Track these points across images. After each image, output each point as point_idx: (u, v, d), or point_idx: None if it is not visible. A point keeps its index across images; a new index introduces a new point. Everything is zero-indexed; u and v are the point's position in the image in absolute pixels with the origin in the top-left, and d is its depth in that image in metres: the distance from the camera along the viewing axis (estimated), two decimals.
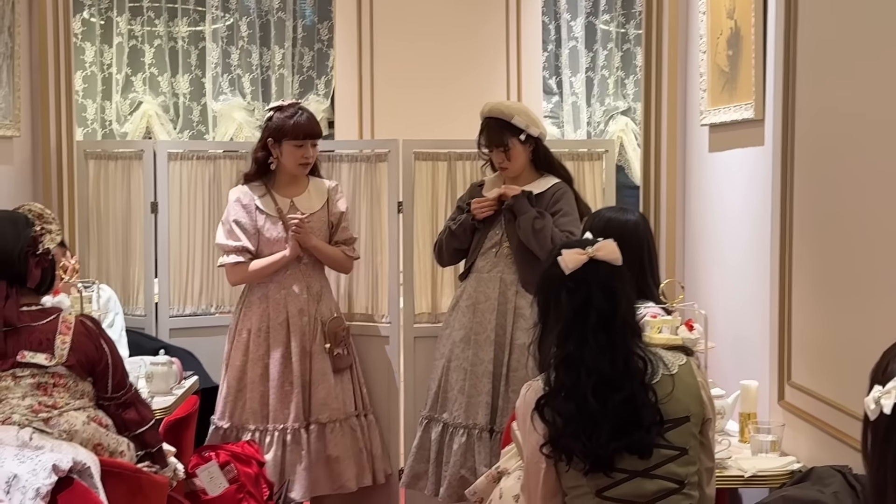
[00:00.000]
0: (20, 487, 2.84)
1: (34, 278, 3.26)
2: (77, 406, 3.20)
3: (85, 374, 3.24)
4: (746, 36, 3.70)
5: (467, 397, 4.40)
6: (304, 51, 6.78)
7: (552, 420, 2.63)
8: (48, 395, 3.17)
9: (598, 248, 2.69)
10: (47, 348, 3.18)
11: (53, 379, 3.18)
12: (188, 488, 4.02)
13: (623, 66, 6.95)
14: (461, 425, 4.41)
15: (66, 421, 3.15)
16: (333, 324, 4.63)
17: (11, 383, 3.15)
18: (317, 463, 4.58)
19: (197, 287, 5.12)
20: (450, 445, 4.44)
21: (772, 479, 3.11)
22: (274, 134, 4.56)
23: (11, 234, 3.24)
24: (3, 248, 3.22)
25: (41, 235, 3.28)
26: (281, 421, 4.54)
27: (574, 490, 2.66)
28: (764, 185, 3.57)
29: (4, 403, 3.13)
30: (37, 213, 3.32)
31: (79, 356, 3.21)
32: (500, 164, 4.41)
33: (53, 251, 3.33)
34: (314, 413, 4.59)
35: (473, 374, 4.40)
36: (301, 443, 4.56)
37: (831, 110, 3.01)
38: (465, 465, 4.40)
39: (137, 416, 3.34)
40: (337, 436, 4.62)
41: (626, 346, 2.65)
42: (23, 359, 3.15)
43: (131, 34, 6.62)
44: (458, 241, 4.49)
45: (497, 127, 4.35)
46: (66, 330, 3.22)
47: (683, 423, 2.65)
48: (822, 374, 3.06)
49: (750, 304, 3.73)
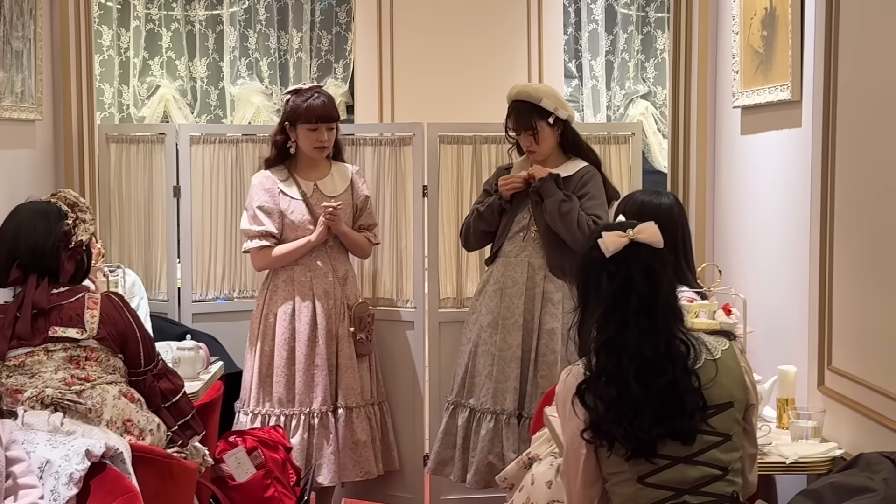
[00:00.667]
0: (53, 473, 2.83)
1: (66, 272, 3.28)
2: (109, 380, 3.25)
3: (116, 348, 3.28)
4: (783, 16, 3.65)
5: (495, 382, 4.37)
6: (323, 34, 6.74)
7: (593, 405, 2.60)
8: (80, 369, 3.22)
9: (639, 231, 2.65)
10: (78, 323, 3.22)
11: (85, 353, 3.23)
12: (215, 474, 4.00)
13: (643, 50, 6.90)
14: (489, 411, 4.38)
15: (99, 394, 3.19)
16: (359, 308, 4.60)
17: (44, 357, 3.20)
18: (343, 448, 4.56)
19: (219, 272, 5.08)
20: (477, 431, 4.41)
21: (813, 465, 3.07)
22: (290, 117, 4.53)
23: (44, 230, 3.26)
24: (36, 244, 3.24)
25: (74, 227, 3.29)
26: (307, 404, 4.51)
27: (615, 476, 2.63)
28: (801, 166, 3.53)
29: (37, 378, 3.17)
30: (71, 201, 3.33)
31: (109, 328, 3.25)
32: (528, 147, 4.37)
33: (86, 241, 3.33)
34: (342, 397, 4.57)
35: (501, 360, 4.36)
36: (328, 426, 4.54)
37: (875, 90, 2.96)
38: (493, 450, 4.37)
39: (172, 385, 3.41)
40: (363, 421, 4.59)
41: (667, 330, 2.61)
42: (54, 333, 3.19)
43: (148, 18, 6.59)
44: (486, 223, 4.45)
45: (525, 110, 4.31)
46: (94, 305, 3.26)
47: (727, 409, 2.62)
48: (865, 358, 3.01)
49: (786, 288, 3.69)
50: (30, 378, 3.17)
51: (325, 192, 4.59)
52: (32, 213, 3.29)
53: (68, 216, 3.29)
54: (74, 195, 3.37)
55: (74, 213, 3.31)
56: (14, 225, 3.28)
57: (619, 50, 6.85)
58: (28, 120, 4.40)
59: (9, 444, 2.75)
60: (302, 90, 4.55)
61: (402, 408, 4.90)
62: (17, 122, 4.29)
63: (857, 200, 3.08)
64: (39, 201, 3.36)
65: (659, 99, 6.86)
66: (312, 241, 4.51)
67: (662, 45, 6.83)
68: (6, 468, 2.71)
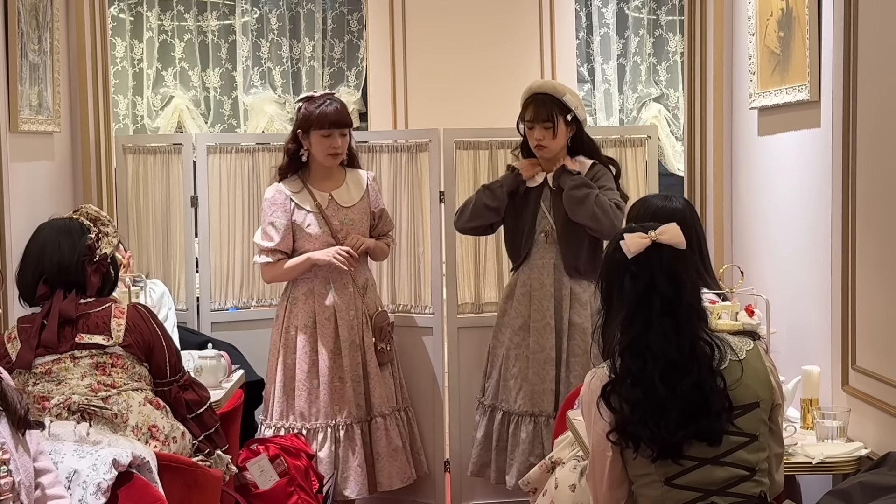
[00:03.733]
0: (81, 482, 2.84)
1: (93, 286, 3.34)
2: (135, 387, 3.28)
3: (142, 356, 3.32)
4: (800, 16, 3.64)
5: (531, 385, 4.38)
6: (335, 42, 6.76)
7: (619, 407, 2.61)
8: (107, 375, 3.26)
9: (661, 232, 2.66)
10: (104, 330, 3.27)
11: (111, 359, 3.27)
12: (238, 482, 4.00)
13: (655, 53, 6.90)
14: (527, 413, 4.39)
15: (125, 400, 3.23)
16: (379, 318, 4.59)
17: (71, 364, 3.24)
18: (385, 457, 4.56)
19: (238, 281, 5.10)
20: (516, 433, 4.42)
21: (840, 465, 3.06)
22: (302, 125, 4.50)
23: (68, 246, 3.30)
24: (62, 261, 3.29)
25: (97, 241, 3.34)
26: (332, 417, 4.48)
27: (642, 478, 2.64)
28: (820, 167, 3.52)
29: (64, 384, 3.21)
30: (93, 216, 3.38)
31: (135, 336, 3.29)
32: (541, 140, 4.31)
33: (111, 254, 3.37)
34: (376, 406, 4.56)
35: (536, 362, 4.37)
36: (354, 438, 4.50)
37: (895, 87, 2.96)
38: (534, 452, 4.37)
39: (197, 397, 3.44)
40: (392, 431, 4.59)
41: (692, 331, 2.62)
42: (81, 340, 3.24)
43: (161, 29, 6.62)
44: (492, 198, 4.38)
45: (547, 102, 4.29)
46: (120, 314, 3.31)
47: (753, 409, 2.62)
48: (890, 357, 3.00)
49: (808, 288, 3.68)
50: (56, 385, 3.21)
51: (340, 202, 4.56)
52: (56, 231, 3.33)
53: (91, 231, 3.34)
54: (96, 210, 3.42)
55: (97, 227, 3.35)
56: (38, 244, 3.32)
57: (630, 53, 6.86)
58: (46, 132, 4.42)
59: (36, 455, 2.76)
60: (314, 97, 4.52)
61: (422, 414, 4.90)
62: (36, 134, 4.31)
63: (879, 199, 3.07)
64: (61, 218, 3.40)
65: (671, 102, 6.87)
66: (313, 260, 4.48)
67: (674, 48, 6.83)
68: (35, 479, 2.72)
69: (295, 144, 4.55)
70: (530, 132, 4.34)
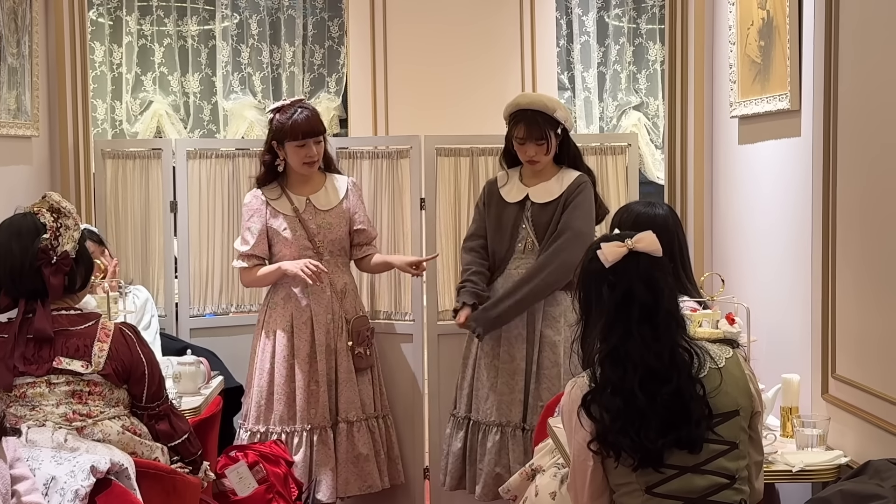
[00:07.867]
0: (59, 489, 2.82)
1: (55, 288, 3.09)
2: (112, 415, 3.15)
3: (120, 382, 3.16)
4: (781, 25, 3.66)
5: (499, 395, 4.36)
6: (315, 48, 6.73)
7: (599, 416, 2.61)
8: (83, 404, 3.11)
9: (637, 240, 2.66)
10: (84, 355, 3.09)
11: (89, 387, 3.12)
12: (217, 489, 3.98)
13: (635, 61, 6.91)
14: (494, 423, 4.38)
15: (101, 430, 3.10)
16: (357, 322, 4.59)
17: (46, 390, 3.09)
18: (345, 463, 4.55)
19: (217, 287, 5.08)
20: (483, 443, 4.41)
21: (819, 473, 3.08)
22: (276, 136, 4.50)
23: (18, 249, 3.07)
24: (13, 267, 3.07)
25: (55, 239, 3.11)
26: (308, 421, 4.50)
27: (623, 487, 2.64)
28: (800, 175, 3.54)
29: (38, 410, 3.08)
30: (55, 207, 3.14)
31: (115, 364, 3.12)
32: (533, 157, 4.30)
33: (75, 249, 3.14)
34: (342, 412, 4.55)
35: (506, 372, 4.36)
36: (328, 443, 4.52)
37: (876, 98, 2.97)
38: (500, 462, 4.36)
39: (170, 429, 3.26)
40: (364, 435, 4.58)
41: (671, 339, 2.62)
42: (59, 364, 3.07)
43: (141, 33, 6.57)
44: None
45: (539, 120, 4.26)
46: (105, 337, 3.13)
47: (733, 417, 2.63)
48: (869, 365, 3.02)
49: (787, 297, 3.70)
50: (30, 410, 3.07)
51: (317, 205, 4.56)
52: (9, 234, 3.10)
53: (47, 228, 3.10)
54: (58, 199, 3.17)
55: (57, 222, 3.12)
56: None
57: (611, 62, 6.86)
58: (25, 137, 4.39)
59: (13, 462, 2.73)
60: (284, 107, 4.50)
61: (401, 421, 4.88)
62: (14, 138, 4.29)
63: (859, 207, 3.09)
64: (19, 215, 3.18)
65: (651, 110, 6.87)
66: (282, 270, 4.48)
67: (654, 57, 6.84)
68: (11, 486, 2.70)
69: (271, 155, 4.55)
70: (521, 148, 4.32)
